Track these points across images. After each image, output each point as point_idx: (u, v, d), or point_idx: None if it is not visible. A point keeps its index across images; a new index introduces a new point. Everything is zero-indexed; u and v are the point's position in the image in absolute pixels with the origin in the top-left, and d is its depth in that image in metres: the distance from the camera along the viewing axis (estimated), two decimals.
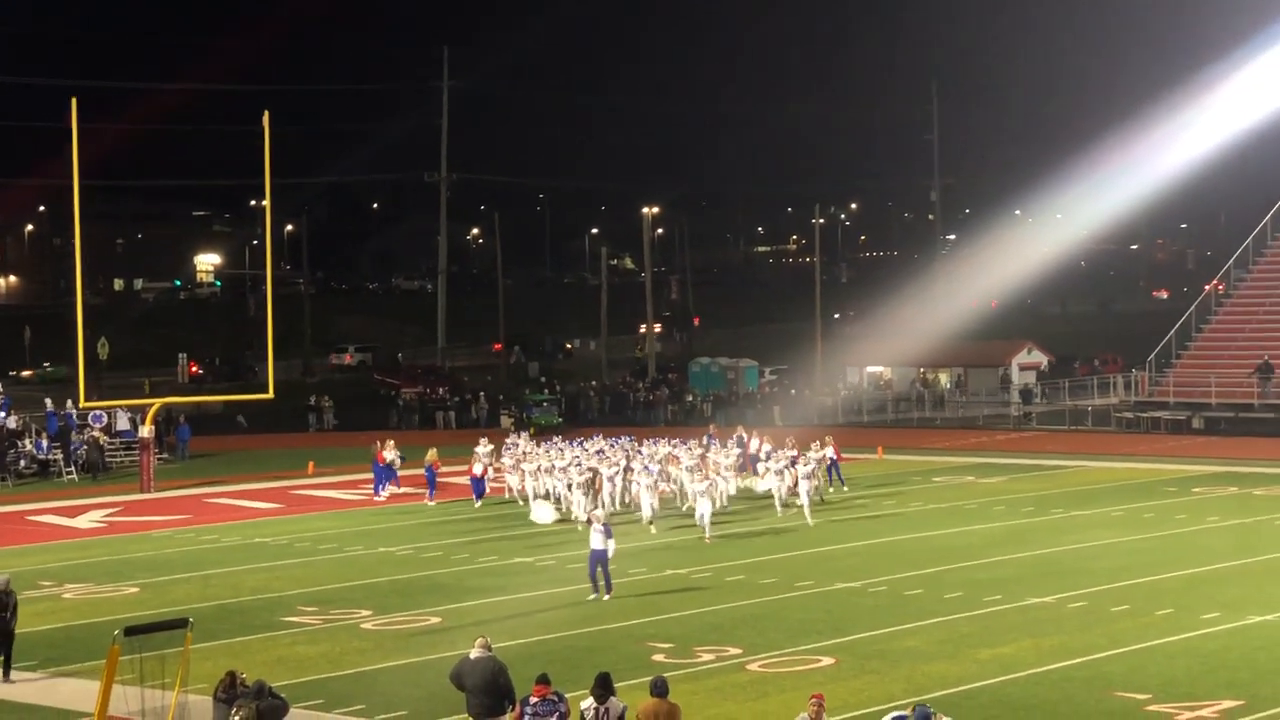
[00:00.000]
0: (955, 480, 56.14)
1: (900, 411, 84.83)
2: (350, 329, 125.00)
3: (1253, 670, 27.49)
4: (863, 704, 25.74)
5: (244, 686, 22.12)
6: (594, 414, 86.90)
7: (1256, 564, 38.18)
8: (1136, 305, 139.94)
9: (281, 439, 76.24)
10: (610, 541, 34.43)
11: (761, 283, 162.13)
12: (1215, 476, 55.84)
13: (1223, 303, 79.22)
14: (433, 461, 52.90)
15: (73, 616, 34.53)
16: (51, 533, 48.32)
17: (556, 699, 20.18)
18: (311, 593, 36.68)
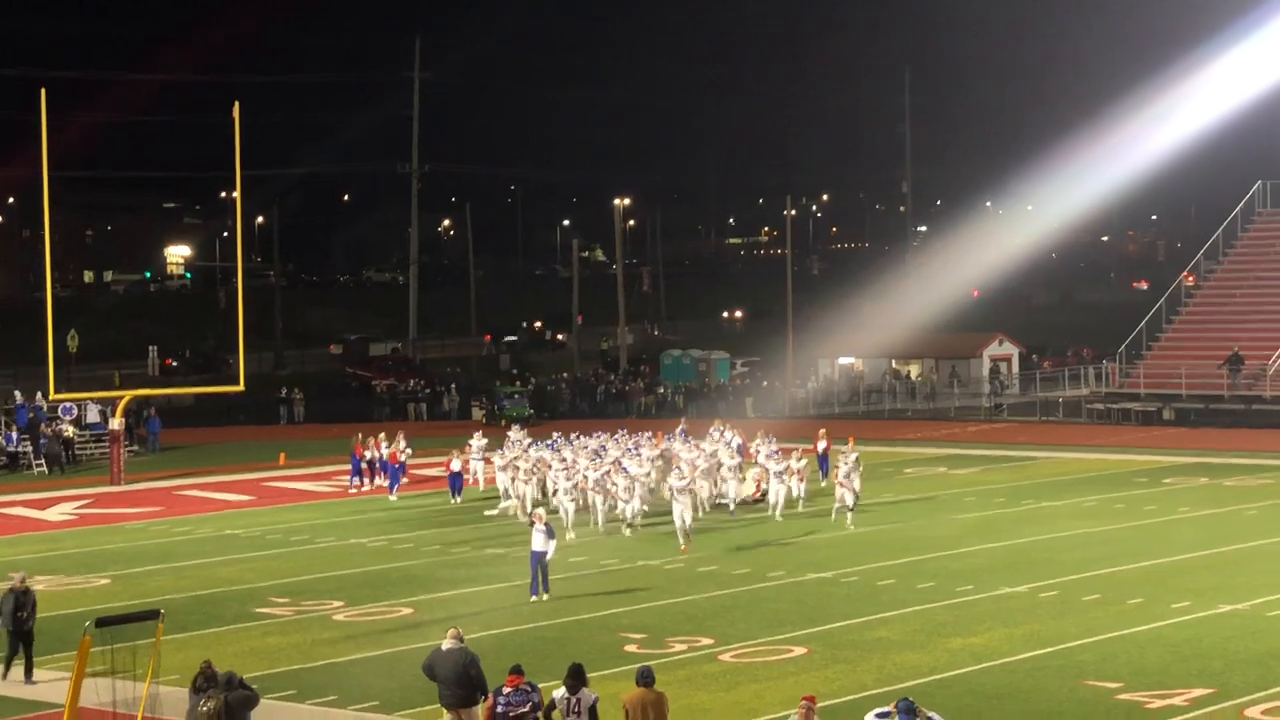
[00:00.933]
0: (927, 471, 56.23)
1: (871, 403, 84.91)
2: (321, 321, 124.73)
3: (1224, 659, 27.60)
4: (835, 694, 25.78)
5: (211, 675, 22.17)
6: (565, 406, 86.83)
7: (1227, 554, 38.32)
8: (1107, 296, 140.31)
9: (252, 431, 76.07)
10: (551, 542, 33.49)
11: (733, 274, 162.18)
12: (1186, 467, 56.02)
13: (1193, 294, 79.46)
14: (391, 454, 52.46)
15: (44, 608, 34.15)
16: (21, 525, 48.14)
17: (529, 689, 20.19)
18: (283, 584, 36.62)
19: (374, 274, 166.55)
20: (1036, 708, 24.76)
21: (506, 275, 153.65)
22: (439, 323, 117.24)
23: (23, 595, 27.34)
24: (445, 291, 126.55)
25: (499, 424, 76.79)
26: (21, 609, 27.23)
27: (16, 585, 27.63)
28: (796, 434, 61.19)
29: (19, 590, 27.47)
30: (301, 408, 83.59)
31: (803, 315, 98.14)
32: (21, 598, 27.29)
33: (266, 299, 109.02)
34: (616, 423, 63.61)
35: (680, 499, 39.53)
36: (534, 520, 34.31)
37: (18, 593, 27.42)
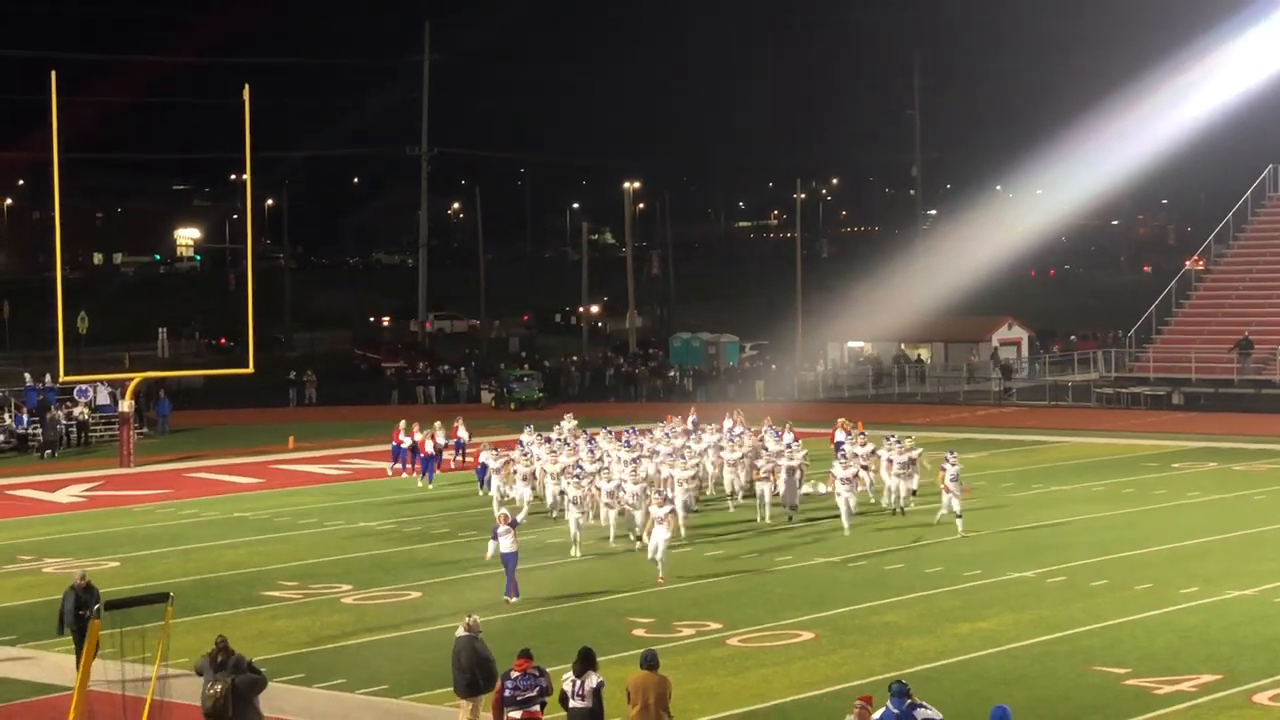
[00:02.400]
0: (935, 456, 56.12)
1: (881, 387, 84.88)
2: (330, 303, 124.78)
3: (1232, 644, 27.59)
4: (842, 678, 25.79)
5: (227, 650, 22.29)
6: (575, 389, 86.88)
7: (1236, 539, 38.29)
8: (1118, 280, 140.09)
9: (262, 414, 76.14)
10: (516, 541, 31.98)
11: (742, 258, 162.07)
12: (1195, 452, 55.97)
13: (1203, 278, 79.35)
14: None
15: (53, 590, 34.38)
16: (31, 507, 48.23)
17: (538, 673, 20.22)
18: (292, 567, 36.67)
19: (383, 256, 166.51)
20: (1044, 693, 24.76)
21: (516, 258, 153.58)
22: (447, 306, 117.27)
23: (84, 593, 26.06)
24: (454, 274, 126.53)
25: (508, 407, 76.94)
26: (84, 608, 25.58)
27: (78, 584, 26.55)
28: (806, 417, 61.20)
29: (80, 588, 26.39)
30: (312, 390, 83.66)
31: (812, 299, 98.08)
32: (84, 595, 26.02)
33: (276, 281, 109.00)
34: (628, 407, 63.61)
35: (659, 528, 33.68)
36: (500, 521, 32.42)
37: (79, 590, 26.31)
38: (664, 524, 33.75)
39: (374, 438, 64.53)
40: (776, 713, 24.09)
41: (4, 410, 63.97)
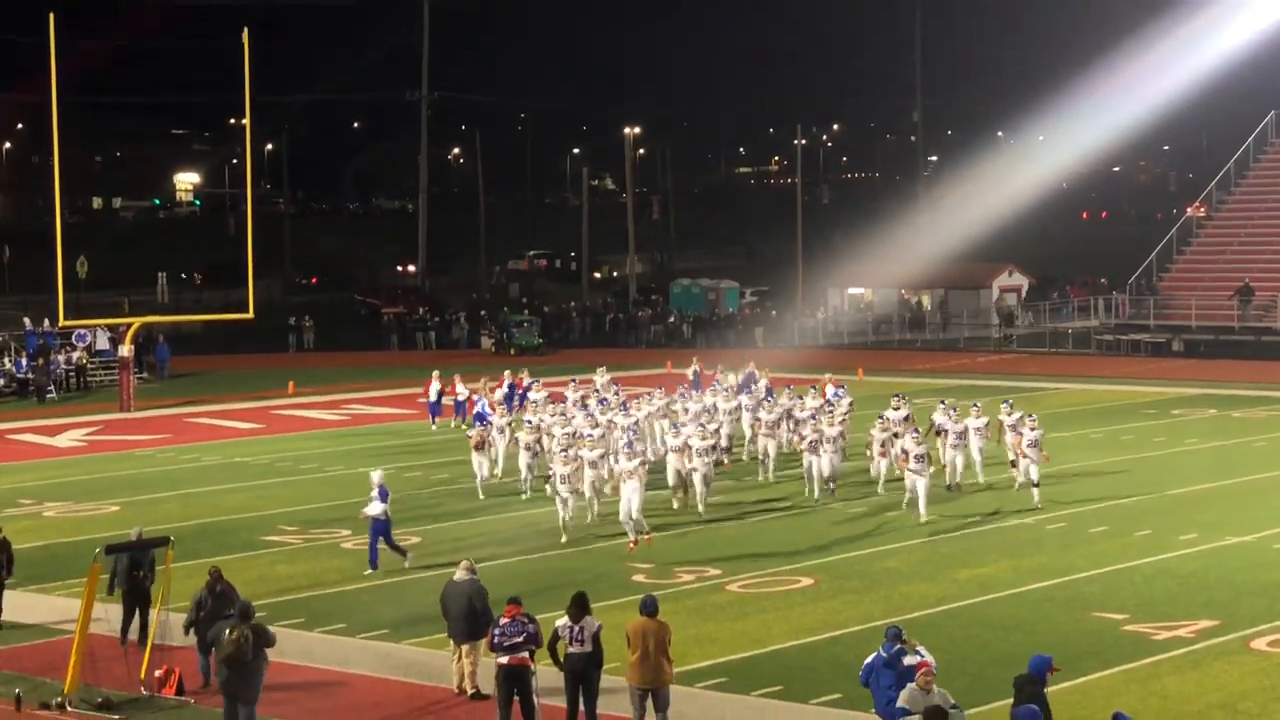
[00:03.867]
0: (936, 402, 56.14)
1: (881, 333, 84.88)
2: (330, 249, 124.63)
3: (1230, 590, 27.65)
4: (842, 624, 25.87)
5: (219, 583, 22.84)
6: (575, 335, 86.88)
7: (1235, 486, 38.36)
8: (1118, 228, 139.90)
9: (261, 359, 76.12)
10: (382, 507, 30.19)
11: (743, 204, 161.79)
12: (1194, 399, 56.00)
13: (1204, 225, 79.24)
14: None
15: (54, 534, 34.55)
16: (31, 451, 48.28)
17: (526, 620, 20.27)
18: (292, 512, 36.72)
19: (383, 202, 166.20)
20: (1043, 639, 24.79)
21: (516, 204, 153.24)
22: (448, 251, 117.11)
23: (140, 553, 25.11)
24: (455, 219, 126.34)
25: (508, 353, 76.90)
26: (138, 567, 25.00)
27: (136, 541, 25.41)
28: (807, 364, 61.19)
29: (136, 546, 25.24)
30: (311, 335, 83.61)
31: (812, 245, 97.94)
32: (138, 555, 25.08)
33: (275, 226, 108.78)
34: (628, 353, 63.47)
35: (629, 482, 31.38)
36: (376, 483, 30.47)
37: (133, 550, 25.28)
38: (634, 477, 31.12)
39: (374, 383, 64.62)
40: (776, 658, 24.15)
41: (4, 355, 63.94)
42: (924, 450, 34.36)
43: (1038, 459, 35.53)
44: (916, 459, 34.09)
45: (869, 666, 18.69)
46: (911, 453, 34.27)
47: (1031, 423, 36.19)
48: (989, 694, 21.93)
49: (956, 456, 37.37)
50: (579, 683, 20.06)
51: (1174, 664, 23.42)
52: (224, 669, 20.18)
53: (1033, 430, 35.88)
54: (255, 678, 20.19)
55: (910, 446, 34.46)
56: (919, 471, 34.01)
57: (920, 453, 34.15)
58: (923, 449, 34.34)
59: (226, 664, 20.09)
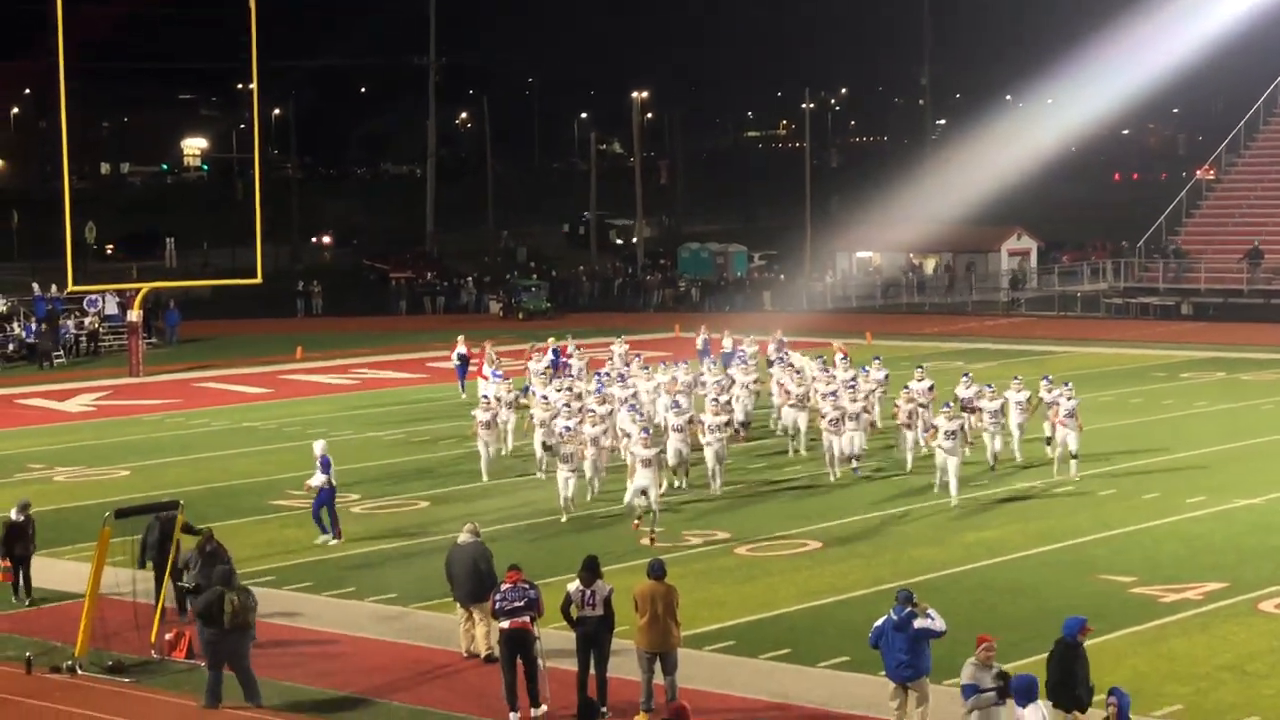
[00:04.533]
0: (944, 366, 56.15)
1: (889, 297, 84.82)
2: (338, 214, 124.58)
3: (1237, 553, 27.67)
4: (850, 587, 25.92)
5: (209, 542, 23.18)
6: (583, 300, 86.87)
7: (1243, 448, 38.34)
8: (1128, 192, 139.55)
9: (269, 324, 76.15)
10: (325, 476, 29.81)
11: (751, 168, 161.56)
12: (1203, 362, 55.94)
13: (1213, 188, 79.07)
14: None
15: (64, 499, 34.64)
16: (41, 416, 48.37)
17: (526, 585, 20.31)
18: (301, 476, 36.62)
19: (391, 167, 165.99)
20: (1050, 602, 24.84)
21: (524, 168, 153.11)
22: (456, 216, 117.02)
23: (169, 524, 24.54)
24: (462, 184, 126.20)
25: (516, 317, 76.94)
26: (170, 539, 24.44)
27: (165, 514, 24.85)
28: (815, 328, 61.19)
29: (166, 519, 24.69)
30: (319, 300, 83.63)
31: (821, 209, 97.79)
32: (168, 527, 24.51)
33: (283, 191, 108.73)
34: (637, 317, 63.30)
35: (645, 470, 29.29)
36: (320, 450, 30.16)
37: (164, 521, 24.73)
38: (652, 466, 29.35)
39: (382, 348, 64.67)
40: (783, 621, 24.20)
41: (13, 320, 64.02)
42: (957, 426, 32.09)
43: (1075, 428, 34.17)
44: (948, 435, 31.81)
45: (879, 629, 18.73)
46: (943, 429, 32.02)
47: (1068, 391, 34.83)
48: (998, 657, 21.90)
49: (995, 434, 35.19)
50: (590, 646, 20.12)
51: (1182, 626, 23.46)
52: (215, 634, 20.55)
53: (1069, 400, 34.51)
54: (250, 640, 20.91)
55: (942, 423, 32.20)
56: (952, 450, 31.80)
57: (953, 429, 31.83)
58: (956, 424, 32.11)
59: (232, 630, 20.47)
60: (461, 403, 48.10)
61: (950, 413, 32.88)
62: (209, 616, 20.70)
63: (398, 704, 20.74)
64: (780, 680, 21.46)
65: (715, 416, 33.51)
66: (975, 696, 16.57)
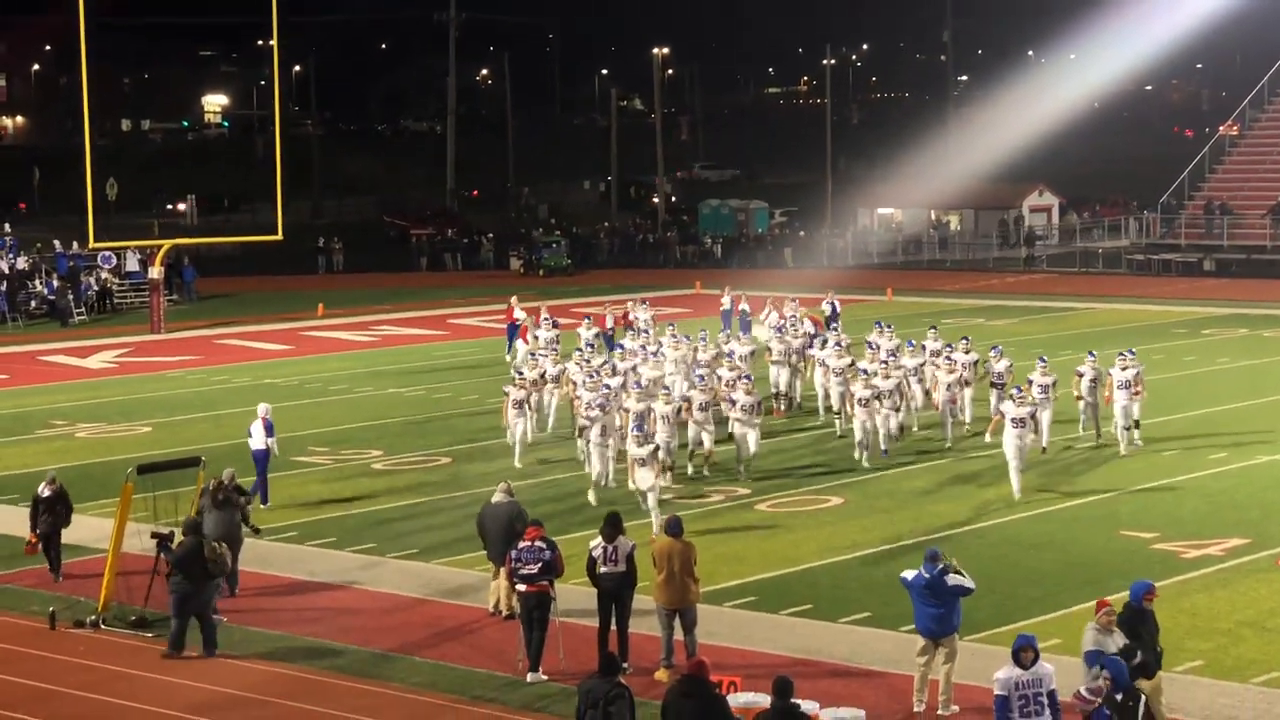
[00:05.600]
0: (965, 322, 56.05)
1: (910, 253, 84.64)
2: (358, 170, 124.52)
3: (1260, 509, 27.64)
4: (871, 543, 25.92)
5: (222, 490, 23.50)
6: (603, 257, 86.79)
7: (1265, 405, 38.25)
8: (1150, 147, 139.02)
9: (290, 281, 76.21)
10: (272, 440, 29.26)
11: (771, 124, 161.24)
12: (1226, 318, 55.80)
13: (1236, 144, 78.70)
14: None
15: (86, 455, 34.75)
16: (63, 373, 48.49)
17: (543, 546, 20.28)
18: (323, 433, 36.86)
19: (411, 123, 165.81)
20: (1072, 557, 24.85)
21: (544, 125, 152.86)
22: (477, 172, 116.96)
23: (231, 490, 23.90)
24: (483, 140, 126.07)
25: (536, 274, 76.90)
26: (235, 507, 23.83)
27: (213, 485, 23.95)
28: (836, 284, 61.06)
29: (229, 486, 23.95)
30: (340, 257, 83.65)
31: (842, 165, 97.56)
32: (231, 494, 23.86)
33: (304, 148, 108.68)
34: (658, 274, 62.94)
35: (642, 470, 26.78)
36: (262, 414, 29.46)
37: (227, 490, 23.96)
38: (648, 467, 26.66)
39: (402, 304, 64.70)
40: (805, 577, 24.22)
41: (35, 277, 64.13)
42: (1027, 413, 29.07)
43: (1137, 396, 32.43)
44: (1017, 423, 28.60)
45: (908, 584, 18.70)
46: (1009, 415, 28.77)
47: (1131, 357, 33.12)
48: (1020, 612, 21.99)
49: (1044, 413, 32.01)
50: (612, 602, 20.14)
51: (1203, 582, 23.44)
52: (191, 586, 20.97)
53: (1128, 369, 32.57)
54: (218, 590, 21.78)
55: (1010, 410, 28.85)
56: (1021, 438, 28.71)
57: (1022, 415, 28.72)
58: (1025, 411, 28.97)
59: (213, 576, 21.21)
60: (476, 360, 48.11)
61: (1021, 397, 29.50)
62: (189, 567, 21.09)
63: (420, 659, 20.80)
64: (802, 635, 21.49)
65: (748, 396, 30.74)
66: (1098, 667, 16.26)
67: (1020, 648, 15.96)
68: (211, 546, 21.23)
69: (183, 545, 21.42)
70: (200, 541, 21.27)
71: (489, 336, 52.95)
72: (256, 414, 29.68)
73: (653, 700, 17.64)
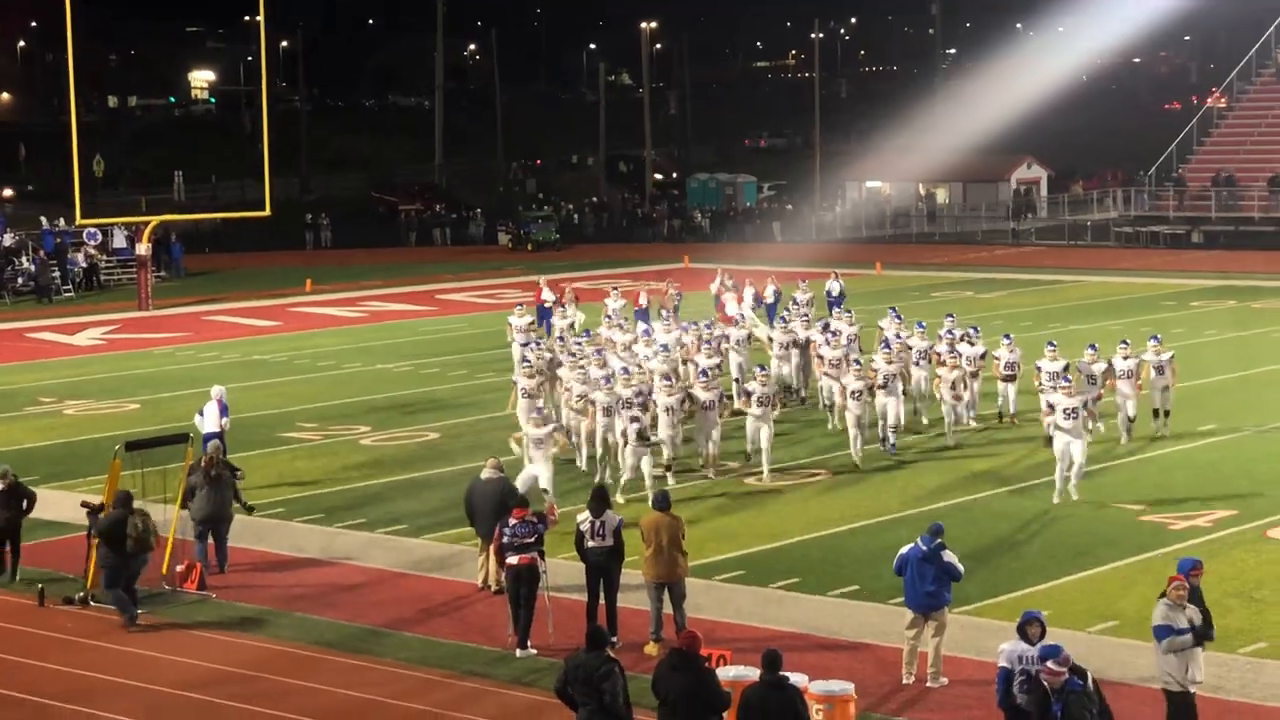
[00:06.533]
0: (954, 295, 56.09)
1: (899, 226, 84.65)
2: (347, 146, 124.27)
3: (1248, 480, 27.67)
4: (858, 517, 25.93)
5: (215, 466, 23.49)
6: (591, 230, 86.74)
7: (1253, 376, 38.32)
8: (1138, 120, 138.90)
9: (278, 257, 76.13)
10: (225, 420, 28.97)
11: (760, 98, 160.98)
12: (1213, 290, 55.86)
13: (1225, 115, 78.69)
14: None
15: (74, 432, 34.71)
16: (50, 350, 48.42)
17: (535, 520, 20.32)
18: (311, 409, 36.82)
19: (400, 99, 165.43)
20: (1061, 529, 24.87)
21: (532, 100, 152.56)
22: (466, 147, 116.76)
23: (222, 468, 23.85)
24: (471, 116, 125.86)
25: (525, 248, 76.85)
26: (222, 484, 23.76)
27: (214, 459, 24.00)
28: (824, 258, 61.04)
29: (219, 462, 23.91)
30: (328, 233, 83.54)
31: (830, 138, 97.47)
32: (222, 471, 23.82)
33: (291, 124, 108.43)
34: (646, 248, 62.86)
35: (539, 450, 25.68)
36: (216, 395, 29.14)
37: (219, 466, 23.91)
38: (544, 447, 25.55)
39: (391, 280, 64.65)
40: (793, 550, 24.23)
41: (22, 254, 63.99)
42: (1078, 403, 26.32)
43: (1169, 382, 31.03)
44: (1069, 414, 26.25)
45: (904, 557, 18.67)
46: (1060, 406, 26.29)
47: (1157, 344, 31.67)
48: (1008, 585, 22.02)
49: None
50: (600, 576, 20.15)
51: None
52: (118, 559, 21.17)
53: (1158, 355, 31.28)
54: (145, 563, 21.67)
55: (1061, 400, 26.39)
56: (1075, 433, 26.13)
57: (1073, 406, 26.22)
58: (1076, 401, 26.35)
59: (134, 554, 21.23)
60: (463, 335, 48.10)
61: (1070, 388, 27.07)
62: (112, 540, 21.25)
63: (409, 635, 20.80)
64: (791, 609, 21.50)
65: (764, 387, 28.73)
66: (1170, 639, 16.05)
67: (1026, 622, 15.90)
68: (134, 522, 21.25)
69: (108, 517, 21.62)
70: (124, 515, 21.35)
71: (478, 312, 52.95)
72: (210, 395, 29.28)
73: (642, 674, 17.66)
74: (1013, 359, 32.32)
